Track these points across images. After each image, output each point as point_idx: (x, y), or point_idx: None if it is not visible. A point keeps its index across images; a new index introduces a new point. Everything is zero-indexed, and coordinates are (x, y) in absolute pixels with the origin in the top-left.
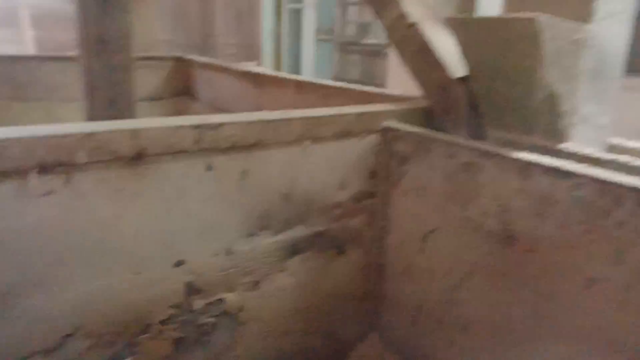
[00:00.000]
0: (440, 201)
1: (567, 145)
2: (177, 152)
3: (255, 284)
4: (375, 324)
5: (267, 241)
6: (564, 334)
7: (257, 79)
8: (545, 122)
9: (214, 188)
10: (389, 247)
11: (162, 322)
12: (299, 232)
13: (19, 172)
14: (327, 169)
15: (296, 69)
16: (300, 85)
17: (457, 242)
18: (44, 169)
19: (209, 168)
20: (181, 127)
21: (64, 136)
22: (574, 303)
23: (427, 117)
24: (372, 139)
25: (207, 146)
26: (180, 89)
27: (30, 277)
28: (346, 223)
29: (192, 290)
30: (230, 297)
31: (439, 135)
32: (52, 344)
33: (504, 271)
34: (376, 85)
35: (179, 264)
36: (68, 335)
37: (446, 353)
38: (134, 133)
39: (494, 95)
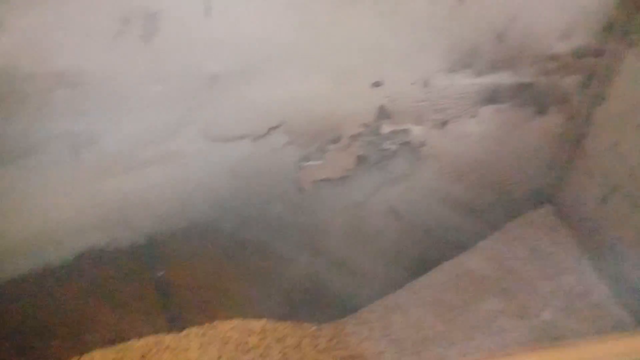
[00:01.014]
0: None
1: None
2: None
3: (443, 123)
4: (554, 195)
5: (466, 81)
6: None
7: None
8: None
9: (426, 8)
10: (599, 116)
11: (351, 138)
12: (502, 78)
13: None
14: (553, 10)
15: None
16: None
17: None
18: None
19: None
20: None
21: None
22: None
23: None
24: None
25: None
26: None
27: (249, 66)
28: (557, 80)
29: (383, 113)
30: (416, 130)
31: None
32: (260, 132)
33: None
34: None
35: (377, 84)
36: (273, 128)
37: (636, 242)
38: None
39: None
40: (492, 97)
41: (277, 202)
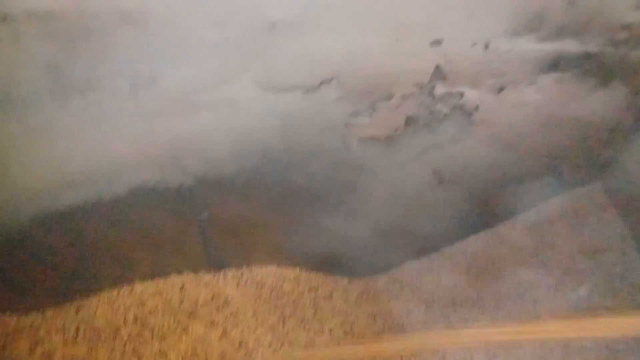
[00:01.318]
0: None
1: None
2: None
3: (500, 89)
4: (605, 173)
5: (529, 46)
6: None
7: None
8: None
9: None
10: None
11: (403, 97)
12: (567, 46)
13: None
14: None
15: None
16: None
17: None
18: None
19: None
20: None
21: None
22: None
23: None
24: None
25: None
26: None
27: (307, 16)
28: (626, 51)
29: (438, 73)
30: (471, 94)
31: None
32: (312, 84)
33: None
34: None
35: (435, 43)
36: (325, 81)
37: None
38: None
39: None
40: (554, 65)
41: (322, 157)
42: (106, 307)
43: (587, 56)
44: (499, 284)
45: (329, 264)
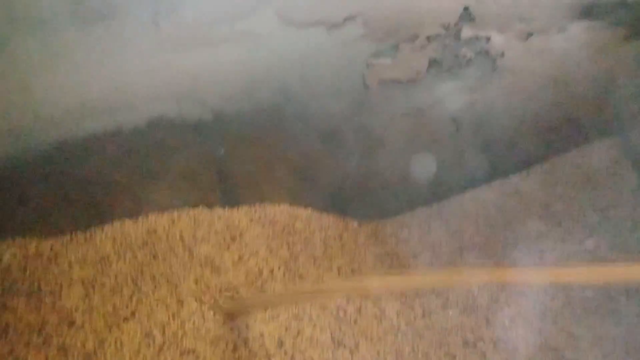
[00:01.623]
0: None
1: None
2: None
3: (528, 35)
4: (625, 128)
5: None
6: None
7: None
8: None
9: None
10: None
11: (428, 38)
12: None
13: None
14: None
15: None
16: None
17: None
18: None
19: None
20: None
21: None
22: None
23: None
24: None
25: None
26: None
27: None
28: None
29: (467, 15)
30: (497, 39)
31: None
32: (336, 20)
33: None
34: None
35: None
36: (349, 18)
37: None
38: None
39: None
40: (585, 12)
41: (341, 98)
42: (118, 233)
43: (622, 4)
44: (507, 233)
45: (340, 206)
